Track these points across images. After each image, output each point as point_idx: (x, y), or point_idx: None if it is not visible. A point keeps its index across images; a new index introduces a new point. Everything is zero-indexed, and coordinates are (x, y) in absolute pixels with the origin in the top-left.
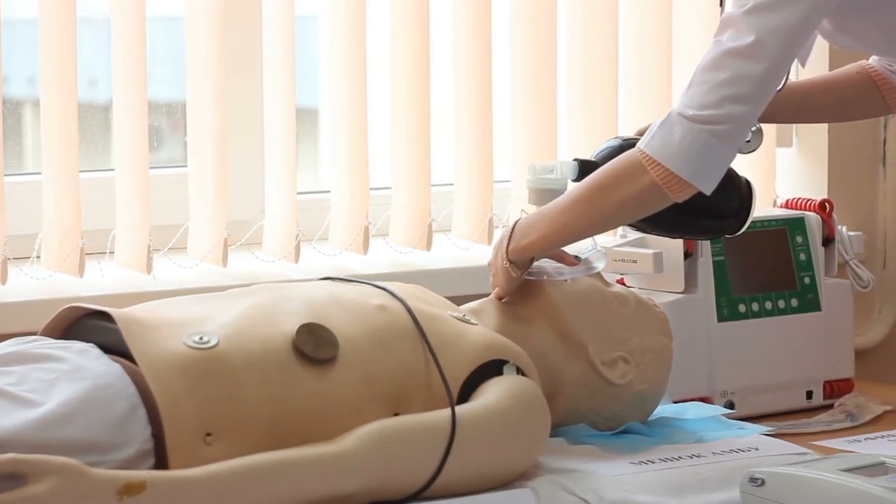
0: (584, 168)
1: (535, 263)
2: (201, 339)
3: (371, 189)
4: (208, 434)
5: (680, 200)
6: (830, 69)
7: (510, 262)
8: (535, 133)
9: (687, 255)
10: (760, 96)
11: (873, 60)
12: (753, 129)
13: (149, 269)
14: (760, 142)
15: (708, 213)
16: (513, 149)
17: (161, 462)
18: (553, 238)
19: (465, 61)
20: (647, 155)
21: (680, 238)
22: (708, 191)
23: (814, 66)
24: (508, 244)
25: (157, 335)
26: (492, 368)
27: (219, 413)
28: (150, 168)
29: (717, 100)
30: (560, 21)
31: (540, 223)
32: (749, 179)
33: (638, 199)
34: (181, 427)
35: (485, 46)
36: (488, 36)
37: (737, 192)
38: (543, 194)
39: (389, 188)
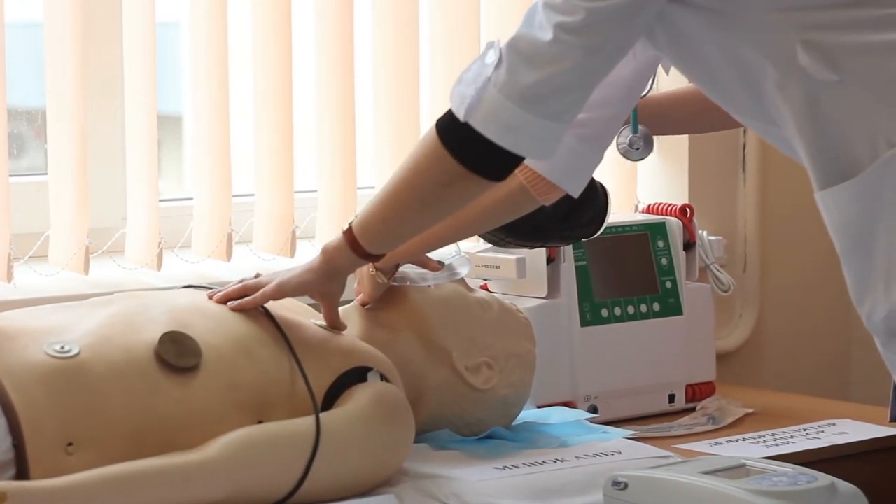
0: None
1: (399, 269)
2: (62, 348)
3: (234, 196)
4: (70, 444)
5: (547, 203)
6: None
7: (376, 269)
8: (399, 139)
9: (550, 260)
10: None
11: None
12: (644, 135)
13: (9, 277)
14: (651, 149)
15: (565, 216)
16: (376, 155)
17: (22, 472)
18: (419, 244)
19: (327, 67)
20: None
21: (539, 246)
22: (575, 193)
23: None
24: None
25: (17, 344)
26: (356, 375)
27: (80, 422)
28: (11, 176)
29: None
30: (422, 26)
31: None
32: (603, 184)
33: (506, 202)
34: (42, 437)
35: (347, 51)
36: (350, 41)
37: (594, 192)
38: None
39: (253, 195)
